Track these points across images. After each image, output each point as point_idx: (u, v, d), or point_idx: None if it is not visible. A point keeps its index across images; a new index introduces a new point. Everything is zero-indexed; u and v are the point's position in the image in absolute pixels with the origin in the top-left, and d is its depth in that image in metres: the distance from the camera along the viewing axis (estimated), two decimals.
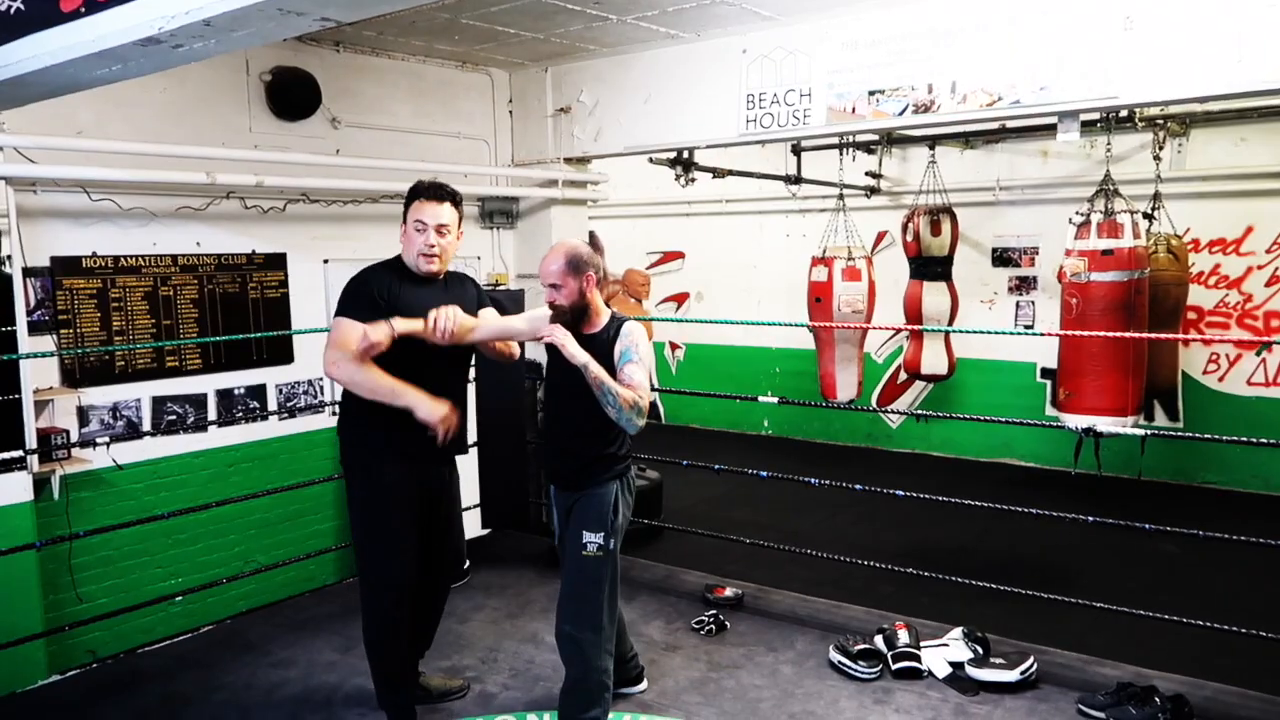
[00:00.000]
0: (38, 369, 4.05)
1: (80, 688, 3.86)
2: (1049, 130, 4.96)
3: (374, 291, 3.22)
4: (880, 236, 8.59)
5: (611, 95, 5.47)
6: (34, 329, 4.04)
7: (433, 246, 3.27)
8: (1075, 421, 4.69)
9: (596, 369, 3.01)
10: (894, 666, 3.84)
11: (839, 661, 3.89)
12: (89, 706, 3.68)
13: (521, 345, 3.59)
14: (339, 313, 3.23)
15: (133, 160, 4.13)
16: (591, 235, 6.43)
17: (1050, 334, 4.96)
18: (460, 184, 5.59)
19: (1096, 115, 5.29)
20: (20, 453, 3.83)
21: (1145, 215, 5.70)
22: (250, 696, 3.71)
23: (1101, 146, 5.79)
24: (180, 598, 4.40)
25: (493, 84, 5.87)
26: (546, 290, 3.13)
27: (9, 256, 3.83)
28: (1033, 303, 8.10)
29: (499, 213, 6.01)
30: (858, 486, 4.52)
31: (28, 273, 4.03)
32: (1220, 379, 7.41)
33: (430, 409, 3.09)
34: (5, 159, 3.81)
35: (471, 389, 5.50)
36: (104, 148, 4.03)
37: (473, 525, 5.54)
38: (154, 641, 4.32)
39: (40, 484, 3.98)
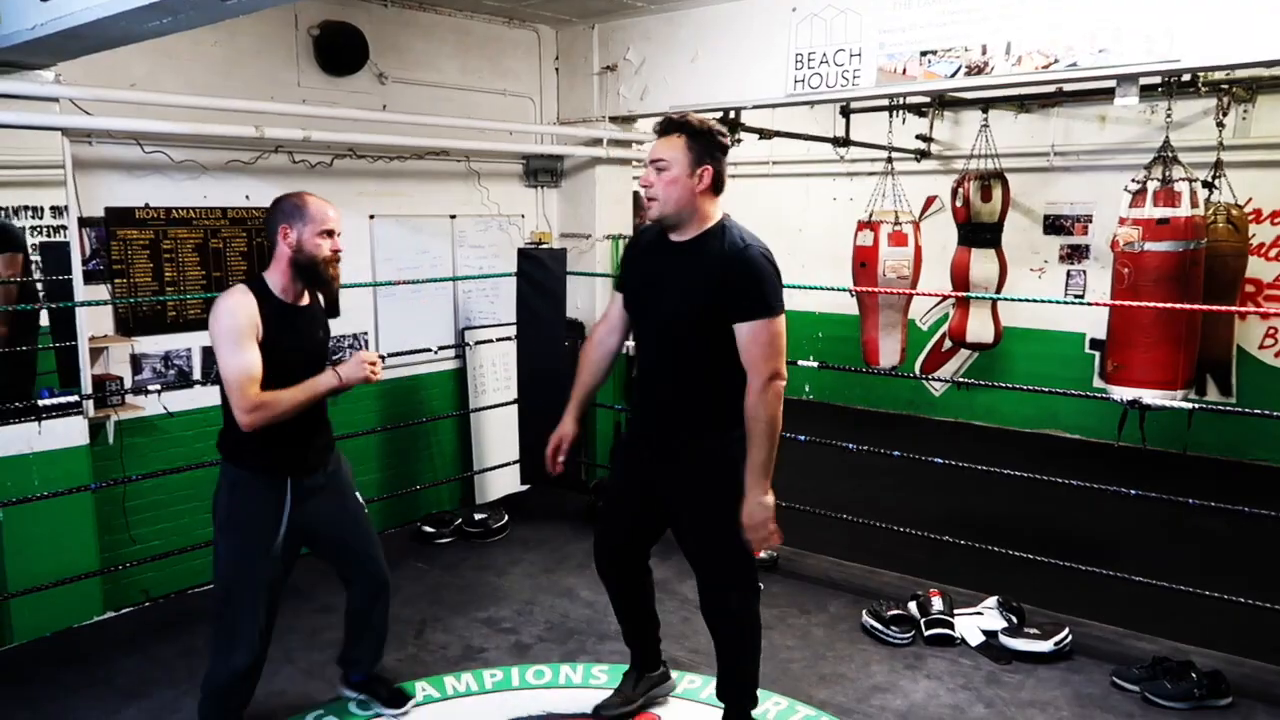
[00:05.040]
0: (93, 317, 4.16)
1: (134, 624, 4.01)
2: (1107, 94, 4.84)
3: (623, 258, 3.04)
4: (929, 201, 8.45)
5: (658, 53, 5.42)
6: (89, 278, 4.15)
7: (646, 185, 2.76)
8: (1122, 393, 4.61)
9: None
10: (926, 633, 3.84)
11: (871, 626, 3.91)
12: (143, 642, 3.81)
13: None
14: None
15: (184, 113, 4.19)
16: (636, 195, 6.41)
17: (1099, 304, 4.87)
18: (505, 142, 5.68)
19: (1157, 79, 5.13)
20: (76, 398, 3.95)
21: (1205, 184, 5.54)
22: (294, 639, 3.82)
23: (1162, 112, 5.63)
24: None
25: (539, 41, 5.85)
26: None
27: (65, 207, 3.92)
28: (1084, 272, 7.94)
29: (543, 171, 6.01)
30: (896, 453, 4.50)
31: (83, 223, 4.13)
32: (1277, 354, 7.22)
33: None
34: (62, 110, 3.88)
35: (512, 346, 5.57)
36: (157, 100, 4.09)
37: (512, 481, 5.64)
38: (204, 583, 4.44)
39: (96, 429, 4.11)
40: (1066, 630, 3.76)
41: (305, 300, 2.87)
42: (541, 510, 5.37)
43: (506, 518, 5.08)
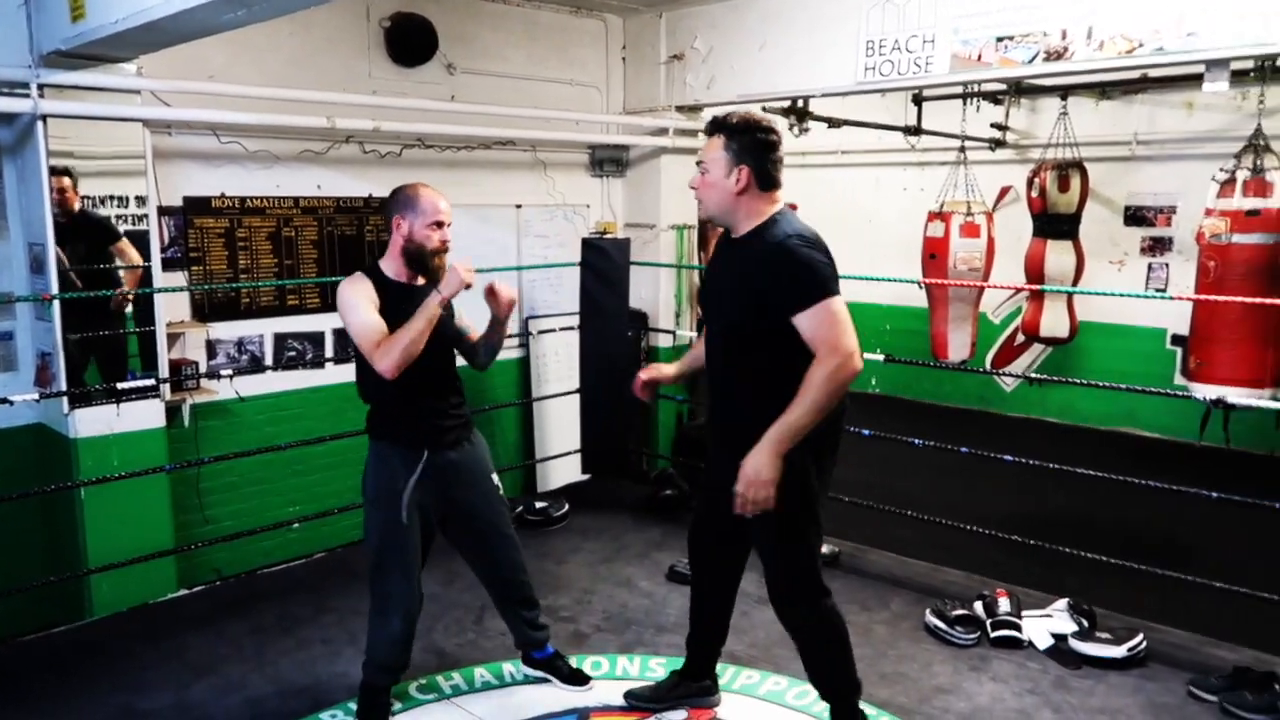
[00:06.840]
0: (170, 303, 4.29)
1: (206, 602, 4.13)
2: (1195, 80, 4.63)
3: None
4: (1003, 192, 8.22)
5: (725, 42, 5.37)
6: (167, 265, 4.28)
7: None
8: (1205, 391, 4.43)
9: None
10: (992, 635, 3.75)
11: (935, 625, 3.82)
12: (214, 619, 3.93)
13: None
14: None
15: (259, 104, 4.28)
16: None
17: (1181, 298, 4.68)
18: (572, 131, 5.68)
19: (1250, 64, 4.89)
20: (154, 381, 4.08)
21: None
22: (356, 622, 3.88)
23: (1254, 98, 5.36)
24: (297, 525, 4.63)
25: (606, 30, 5.84)
26: None
27: (145, 196, 4.04)
28: (1166, 265, 7.64)
29: (609, 161, 6.01)
30: (964, 449, 4.39)
31: (162, 211, 4.26)
32: None
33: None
34: (143, 102, 4.00)
35: (575, 336, 5.59)
36: (233, 91, 4.19)
37: (573, 470, 5.67)
38: (272, 564, 4.58)
39: (172, 411, 4.24)
40: (1141, 636, 3.63)
41: (421, 281, 2.99)
42: (602, 500, 5.39)
43: (567, 506, 5.10)
